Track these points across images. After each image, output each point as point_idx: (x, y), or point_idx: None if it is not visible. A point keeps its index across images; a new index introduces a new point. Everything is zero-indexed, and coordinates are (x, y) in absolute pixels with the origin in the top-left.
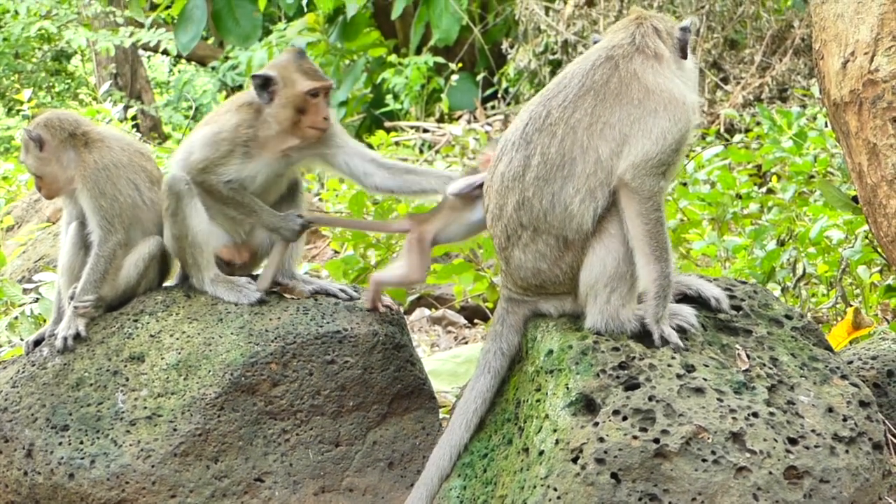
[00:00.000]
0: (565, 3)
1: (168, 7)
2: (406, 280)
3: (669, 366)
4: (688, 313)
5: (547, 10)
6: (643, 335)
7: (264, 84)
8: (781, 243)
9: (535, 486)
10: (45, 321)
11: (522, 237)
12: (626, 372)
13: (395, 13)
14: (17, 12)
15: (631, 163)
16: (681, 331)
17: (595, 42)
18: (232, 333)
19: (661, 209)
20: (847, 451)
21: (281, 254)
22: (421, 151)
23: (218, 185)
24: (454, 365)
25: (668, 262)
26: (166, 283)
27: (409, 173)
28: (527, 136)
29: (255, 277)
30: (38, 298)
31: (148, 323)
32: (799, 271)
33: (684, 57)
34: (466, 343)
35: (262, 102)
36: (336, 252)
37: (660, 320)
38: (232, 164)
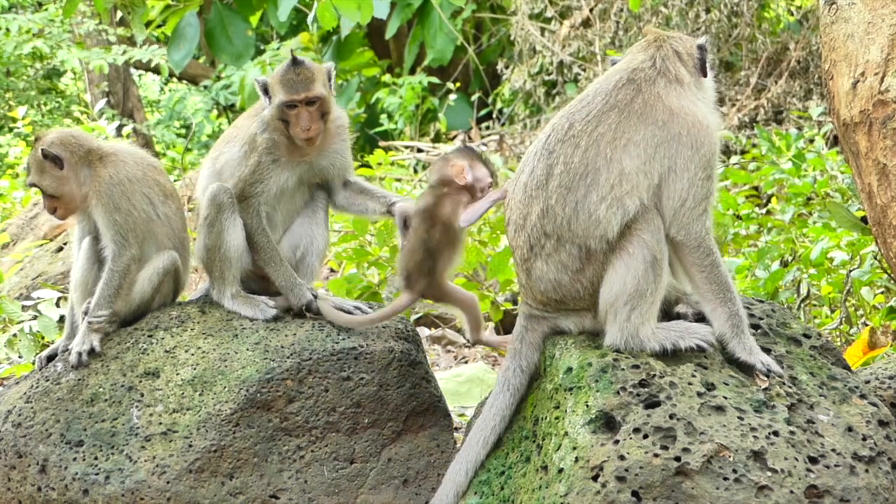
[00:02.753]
0: (561, 23)
1: (160, 25)
2: (474, 316)
3: (690, 384)
4: (705, 332)
5: (542, 30)
6: (663, 353)
7: (265, 89)
8: (785, 264)
9: None
10: (43, 338)
11: (546, 247)
12: (646, 390)
13: (389, 33)
14: (8, 30)
15: (672, 214)
16: (699, 350)
17: (613, 63)
18: (247, 349)
19: (712, 253)
20: (867, 471)
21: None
22: (416, 171)
23: (259, 209)
24: (455, 384)
25: (734, 301)
26: (179, 299)
27: (361, 194)
28: (549, 146)
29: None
30: (36, 316)
31: (163, 338)
32: (803, 292)
33: (705, 75)
34: (467, 362)
35: (265, 106)
36: (333, 270)
37: (752, 352)
38: (268, 177)
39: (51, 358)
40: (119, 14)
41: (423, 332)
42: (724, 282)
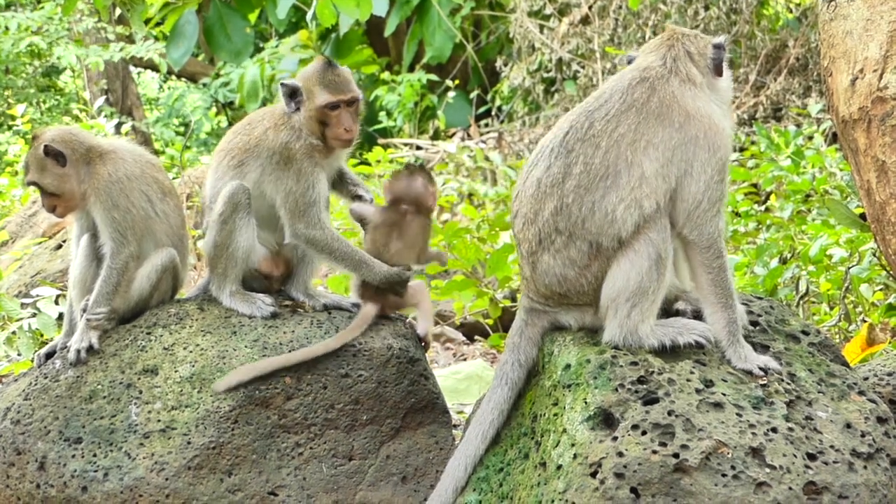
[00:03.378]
0: (560, 21)
1: (160, 23)
2: (425, 309)
3: (688, 380)
4: (703, 328)
5: (541, 27)
6: (661, 350)
7: (292, 94)
8: (784, 261)
9: (552, 501)
10: (42, 335)
11: (556, 242)
12: (644, 386)
13: (388, 30)
14: (7, 28)
15: (686, 216)
16: (698, 346)
17: (629, 61)
18: (246, 346)
19: (722, 255)
20: (865, 468)
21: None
22: None
23: (321, 215)
24: (454, 381)
25: (734, 308)
26: (178, 296)
27: (338, 177)
28: (568, 144)
29: (278, 292)
30: (35, 313)
31: (161, 335)
32: (801, 289)
33: (719, 74)
34: (465, 360)
35: (290, 112)
36: None
37: (747, 360)
38: (317, 180)
39: (49, 355)
40: (118, 12)
41: None
42: (728, 287)
